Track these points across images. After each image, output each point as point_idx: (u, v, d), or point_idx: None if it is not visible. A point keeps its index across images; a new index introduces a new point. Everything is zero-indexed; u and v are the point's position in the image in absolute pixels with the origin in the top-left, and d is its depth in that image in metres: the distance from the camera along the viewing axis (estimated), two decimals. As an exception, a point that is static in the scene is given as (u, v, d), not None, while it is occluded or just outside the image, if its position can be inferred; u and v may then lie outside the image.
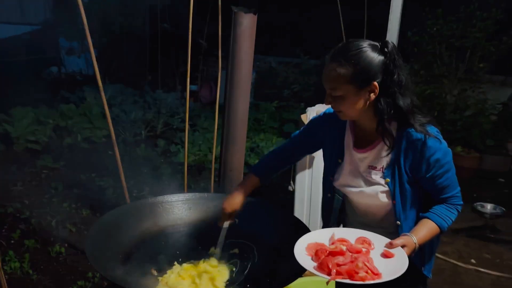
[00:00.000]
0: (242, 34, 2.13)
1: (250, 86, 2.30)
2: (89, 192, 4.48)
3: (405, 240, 1.43)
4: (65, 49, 9.48)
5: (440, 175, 1.49)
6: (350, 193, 1.64)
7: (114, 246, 1.79)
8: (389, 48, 1.42)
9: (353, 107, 1.46)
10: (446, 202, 1.54)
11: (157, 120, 6.96)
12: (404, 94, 1.45)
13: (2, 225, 3.68)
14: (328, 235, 1.54)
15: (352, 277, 1.31)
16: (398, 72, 1.42)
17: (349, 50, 1.42)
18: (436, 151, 1.45)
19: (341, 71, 1.41)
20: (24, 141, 5.62)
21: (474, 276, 3.43)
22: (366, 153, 1.57)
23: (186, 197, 2.21)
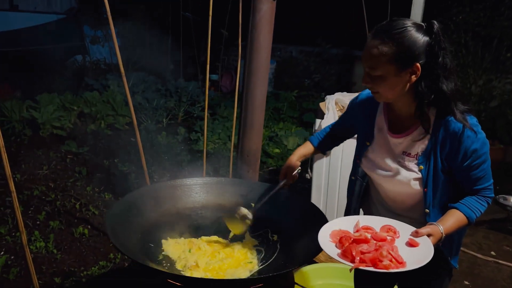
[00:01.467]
0: (261, 20, 2.13)
1: (268, 72, 2.30)
2: (111, 176, 4.60)
3: (432, 229, 1.41)
4: (90, 38, 9.63)
5: (476, 166, 1.44)
6: (379, 178, 1.60)
7: (133, 224, 1.86)
8: (435, 29, 1.36)
9: (392, 88, 1.41)
10: (478, 193, 1.50)
11: (178, 108, 7.04)
12: (448, 77, 1.39)
13: (29, 206, 3.81)
14: (352, 222, 1.54)
15: (376, 265, 1.31)
16: (444, 55, 1.37)
17: (393, 28, 1.36)
18: (474, 141, 1.41)
19: (383, 49, 1.36)
20: (50, 127, 5.78)
21: (493, 268, 3.39)
22: (401, 138, 1.52)
23: (204, 181, 2.26)
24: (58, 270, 2.98)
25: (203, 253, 1.89)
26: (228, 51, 9.88)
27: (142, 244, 1.83)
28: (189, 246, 1.93)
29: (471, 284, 3.17)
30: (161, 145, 5.79)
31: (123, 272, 3.04)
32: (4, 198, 3.92)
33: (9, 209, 3.70)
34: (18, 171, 4.52)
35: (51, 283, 2.83)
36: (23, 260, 2.97)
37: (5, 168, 1.87)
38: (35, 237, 3.29)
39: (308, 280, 2.82)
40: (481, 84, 6.11)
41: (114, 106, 6.36)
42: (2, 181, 4.21)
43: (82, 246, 3.32)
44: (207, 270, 1.75)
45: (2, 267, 2.92)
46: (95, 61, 9.62)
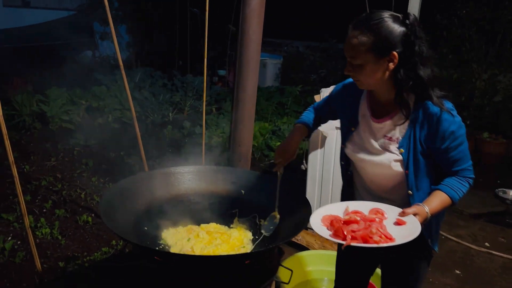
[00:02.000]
0: (251, 13, 2.21)
1: (258, 65, 2.38)
2: (116, 168, 4.73)
3: (417, 209, 1.48)
4: (99, 34, 9.81)
5: (454, 147, 1.51)
6: (362, 161, 1.67)
7: (127, 208, 1.96)
8: (411, 20, 1.44)
9: (372, 76, 1.49)
10: (458, 174, 1.56)
11: (184, 102, 7.16)
12: (425, 64, 1.46)
13: (36, 195, 3.97)
14: (342, 208, 1.63)
15: (367, 241, 1.39)
16: (419, 43, 1.44)
17: (371, 19, 1.45)
18: (451, 123, 1.48)
19: (362, 39, 1.44)
20: (58, 120, 5.95)
21: (486, 258, 3.44)
22: (383, 123, 1.60)
23: (197, 169, 2.36)
24: (62, 255, 3.12)
25: (200, 240, 1.99)
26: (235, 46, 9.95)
27: (136, 227, 1.94)
28: (188, 233, 2.03)
29: (462, 273, 3.23)
30: (167, 138, 5.92)
31: (124, 257, 3.16)
32: (12, 188, 4.07)
33: (17, 198, 3.85)
34: (27, 162, 4.68)
35: (55, 267, 2.96)
36: (29, 245, 3.11)
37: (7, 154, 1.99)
38: (41, 224, 3.43)
39: (301, 266, 2.92)
40: (486, 78, 6.11)
41: (121, 100, 6.50)
42: (11, 172, 4.38)
43: (86, 233, 3.45)
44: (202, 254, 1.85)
45: (9, 251, 3.06)
46: (104, 56, 9.79)
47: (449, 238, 3.74)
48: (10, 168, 4.37)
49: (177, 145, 5.62)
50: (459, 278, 3.17)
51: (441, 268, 3.28)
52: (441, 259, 3.41)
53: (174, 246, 1.95)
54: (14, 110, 5.86)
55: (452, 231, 3.89)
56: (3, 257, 3.01)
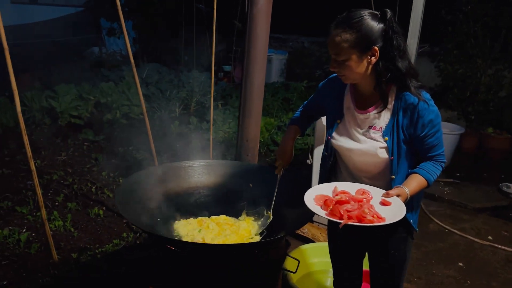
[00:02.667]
0: (259, 12, 2.27)
1: (265, 62, 2.45)
2: (125, 163, 4.83)
3: (399, 190, 1.63)
4: (106, 30, 9.89)
5: (431, 135, 1.65)
6: (349, 151, 1.79)
7: (140, 201, 2.05)
8: (388, 16, 1.57)
9: (356, 70, 1.61)
10: (433, 159, 1.71)
11: (190, 98, 7.23)
12: (402, 57, 1.59)
13: (48, 189, 4.07)
14: (331, 188, 1.76)
15: (362, 221, 1.52)
16: (397, 38, 1.57)
17: (351, 18, 1.57)
18: (430, 112, 1.61)
19: (345, 36, 1.55)
20: (67, 116, 6.05)
21: (489, 252, 3.50)
22: (367, 113, 1.72)
23: (207, 163, 2.45)
24: (75, 246, 3.22)
25: (211, 231, 2.07)
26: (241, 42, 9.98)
27: (149, 218, 2.03)
28: (199, 225, 2.11)
29: (465, 265, 3.29)
30: (174, 134, 6.01)
31: (135, 249, 3.26)
32: (25, 182, 4.18)
33: (31, 192, 3.96)
34: (39, 157, 4.79)
35: (68, 258, 3.06)
36: (43, 237, 3.22)
37: (26, 150, 2.08)
38: (54, 217, 3.53)
39: (306, 258, 3.00)
40: (490, 74, 6.12)
41: (129, 96, 6.59)
42: (24, 166, 4.50)
43: (97, 225, 3.55)
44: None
45: (25, 242, 3.17)
46: (111, 52, 9.87)
47: (453, 232, 3.80)
48: (22, 163, 4.49)
49: (185, 140, 5.71)
50: (462, 270, 3.23)
51: (444, 260, 3.34)
52: (444, 252, 3.48)
53: (185, 236, 2.03)
54: (24, 106, 5.96)
55: (456, 224, 3.95)
56: (18, 248, 3.11)
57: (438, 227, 3.90)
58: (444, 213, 4.21)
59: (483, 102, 6.06)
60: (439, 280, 3.09)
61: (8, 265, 2.92)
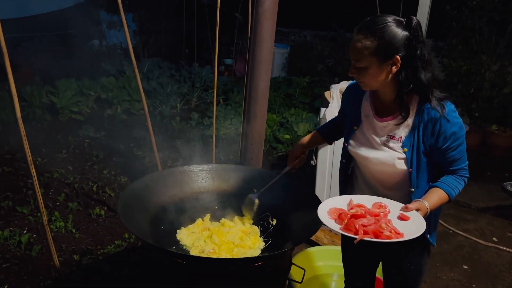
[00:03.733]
0: (264, 13, 2.22)
1: (271, 64, 2.39)
2: (127, 160, 4.79)
3: (419, 204, 1.55)
4: (106, 23, 9.78)
5: (454, 148, 1.58)
6: (365, 159, 1.73)
7: (144, 207, 2.02)
8: (413, 24, 1.49)
9: (375, 78, 1.55)
10: (455, 173, 1.64)
11: (191, 94, 7.18)
12: (426, 68, 1.52)
13: (49, 188, 4.04)
14: (346, 201, 1.69)
15: (379, 236, 1.45)
16: (421, 47, 1.50)
17: (375, 24, 1.50)
18: (453, 125, 1.54)
19: (366, 43, 1.49)
20: (68, 111, 6.00)
21: (493, 254, 3.47)
22: (386, 122, 1.66)
23: (210, 167, 2.40)
24: (76, 248, 3.19)
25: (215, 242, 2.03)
26: (242, 35, 9.90)
27: (153, 226, 1.99)
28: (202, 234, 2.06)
29: (470, 268, 3.27)
30: (175, 130, 5.96)
31: (137, 250, 3.23)
32: (26, 180, 4.15)
33: (31, 191, 3.92)
34: (39, 154, 4.74)
35: (70, 260, 3.04)
36: (44, 239, 3.18)
37: (26, 155, 2.03)
38: (55, 217, 3.50)
39: (311, 261, 2.97)
40: (495, 70, 6.05)
41: (129, 91, 6.53)
42: (24, 164, 4.46)
43: (99, 226, 3.52)
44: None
45: (26, 244, 3.14)
46: (112, 45, 9.77)
47: (457, 233, 3.77)
48: (23, 161, 4.45)
49: (186, 137, 5.67)
50: (467, 273, 3.21)
51: (449, 263, 3.32)
52: (449, 254, 3.45)
53: (192, 247, 1.97)
54: (24, 101, 5.91)
55: (460, 225, 3.92)
56: (19, 251, 3.08)
57: (443, 228, 3.86)
58: (448, 213, 4.17)
59: (487, 99, 6.00)
60: (444, 284, 3.07)
61: (9, 268, 2.90)
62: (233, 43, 9.92)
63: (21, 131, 1.98)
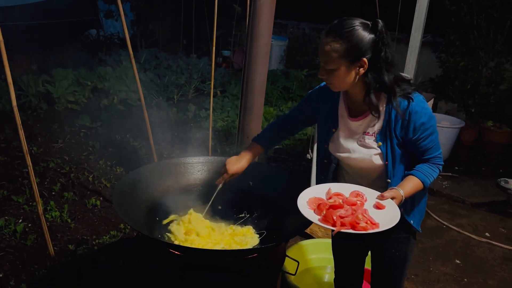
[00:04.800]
0: (262, 7, 2.21)
1: (268, 58, 2.39)
2: (123, 151, 4.79)
3: (394, 192, 1.61)
4: (104, 12, 9.70)
5: (424, 138, 1.64)
6: (346, 159, 1.79)
7: (139, 198, 2.02)
8: (379, 27, 1.54)
9: (344, 80, 1.60)
10: (429, 162, 1.71)
11: (188, 85, 7.15)
12: (389, 70, 1.59)
13: (45, 178, 4.03)
14: (325, 190, 1.73)
15: (355, 227, 1.49)
16: (386, 50, 1.56)
17: (342, 28, 1.54)
18: (421, 116, 1.61)
19: (335, 46, 1.53)
20: (64, 101, 5.97)
21: (486, 249, 3.51)
22: (360, 121, 1.72)
23: (206, 159, 2.40)
24: (72, 238, 3.20)
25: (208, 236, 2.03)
26: (241, 26, 9.85)
27: (148, 217, 2.00)
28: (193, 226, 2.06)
29: (462, 263, 3.30)
30: (172, 121, 5.95)
31: (132, 241, 3.24)
32: (21, 169, 4.14)
33: (26, 180, 3.92)
34: (35, 144, 4.73)
35: (65, 250, 3.05)
36: (39, 228, 3.19)
37: (22, 144, 2.03)
38: (50, 207, 3.50)
39: (304, 254, 3.00)
40: (492, 66, 6.06)
41: (126, 82, 6.50)
42: (19, 153, 4.45)
43: (94, 216, 3.53)
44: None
45: (21, 233, 3.15)
46: (109, 35, 9.71)
47: (450, 228, 3.80)
48: (18, 150, 4.44)
49: (183, 129, 5.66)
50: (459, 267, 3.24)
51: (441, 257, 3.35)
52: (441, 248, 3.48)
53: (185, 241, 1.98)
54: (20, 90, 5.88)
55: (453, 220, 3.95)
56: (14, 240, 3.09)
57: (436, 222, 3.90)
58: (441, 207, 4.21)
59: (484, 95, 6.02)
60: (436, 278, 3.10)
61: (4, 257, 2.91)
62: (231, 35, 9.87)
63: (17, 120, 1.97)
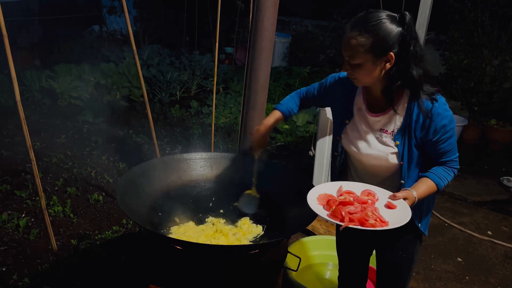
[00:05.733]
0: (266, 2, 2.20)
1: (272, 54, 2.38)
2: (126, 147, 4.80)
3: (407, 193, 1.58)
4: (107, 8, 9.71)
5: (444, 140, 1.60)
6: (358, 154, 1.75)
7: (142, 194, 2.02)
8: (407, 20, 1.49)
9: (369, 75, 1.55)
10: (445, 165, 1.66)
11: (191, 81, 7.15)
12: (418, 64, 1.53)
13: (48, 173, 4.05)
14: (336, 187, 1.71)
15: (363, 224, 1.47)
16: (414, 43, 1.50)
17: (369, 21, 1.48)
18: (443, 118, 1.56)
19: (361, 40, 1.48)
20: (67, 96, 5.99)
21: (488, 247, 3.50)
22: (379, 117, 1.67)
23: (209, 156, 2.40)
24: (74, 232, 3.21)
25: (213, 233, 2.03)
26: (243, 23, 9.83)
27: (150, 213, 2.00)
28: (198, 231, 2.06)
29: (463, 261, 3.30)
30: (174, 117, 5.96)
31: (134, 236, 3.25)
32: (24, 164, 4.15)
33: (29, 175, 3.93)
34: (38, 139, 4.75)
35: (68, 244, 3.06)
36: (42, 223, 3.21)
37: (25, 139, 2.04)
38: (53, 202, 3.51)
39: (306, 250, 3.00)
40: (496, 64, 6.04)
41: (129, 78, 6.51)
42: (22, 148, 4.46)
43: (97, 211, 3.54)
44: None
45: (24, 228, 3.16)
46: (112, 31, 9.71)
47: (452, 226, 3.80)
48: (21, 145, 4.45)
49: (185, 125, 5.67)
50: (461, 265, 3.24)
51: (443, 255, 3.35)
52: (443, 246, 3.48)
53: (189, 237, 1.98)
54: (23, 85, 5.89)
55: (455, 218, 3.95)
56: (17, 234, 3.10)
57: (438, 220, 3.89)
58: (444, 206, 4.20)
59: (488, 93, 5.99)
60: (438, 275, 3.10)
61: (7, 251, 2.92)
62: (234, 32, 9.86)
63: (21, 115, 1.98)
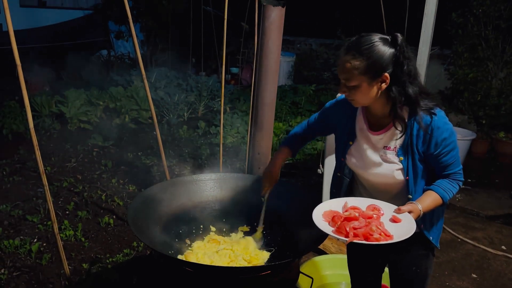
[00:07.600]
0: (270, 26, 2.25)
1: (277, 75, 2.43)
2: (135, 169, 4.83)
3: (412, 206, 1.60)
4: (114, 33, 9.92)
5: (446, 153, 1.63)
6: (365, 173, 1.77)
7: (153, 216, 2.04)
8: (399, 41, 1.54)
9: (366, 96, 1.59)
10: (449, 177, 1.68)
11: (198, 102, 7.23)
12: (412, 82, 1.58)
13: (58, 197, 4.08)
14: (341, 203, 1.72)
15: (368, 238, 1.48)
16: (407, 63, 1.55)
17: (362, 44, 1.54)
18: (443, 131, 1.60)
19: (355, 63, 1.53)
20: (77, 121, 6.07)
21: (502, 262, 3.45)
22: (381, 135, 1.70)
23: (218, 176, 2.42)
24: (86, 256, 3.22)
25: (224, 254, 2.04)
26: (248, 44, 9.97)
27: (162, 235, 2.02)
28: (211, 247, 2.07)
29: (478, 277, 3.25)
30: (182, 138, 6.01)
31: (145, 259, 3.25)
32: (36, 189, 4.20)
33: (41, 200, 3.97)
34: (49, 163, 4.80)
35: (79, 269, 3.07)
36: (54, 247, 3.22)
37: (38, 165, 2.08)
38: (64, 226, 3.54)
39: (318, 270, 2.98)
40: (502, 77, 6.05)
41: (137, 101, 6.60)
42: (34, 173, 4.52)
43: (108, 234, 3.55)
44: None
45: (36, 253, 3.18)
46: (119, 55, 9.89)
47: (465, 241, 3.75)
48: (33, 170, 4.51)
49: (193, 145, 5.71)
50: (476, 282, 3.19)
51: (457, 271, 3.30)
52: (457, 262, 3.44)
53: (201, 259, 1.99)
54: (34, 111, 5.99)
55: (468, 233, 3.90)
56: (30, 259, 3.12)
57: (451, 236, 3.85)
58: (456, 221, 4.16)
59: (495, 106, 5.98)
60: (453, 292, 3.06)
61: (20, 276, 2.93)
62: (239, 52, 9.99)
63: (34, 141, 2.02)
